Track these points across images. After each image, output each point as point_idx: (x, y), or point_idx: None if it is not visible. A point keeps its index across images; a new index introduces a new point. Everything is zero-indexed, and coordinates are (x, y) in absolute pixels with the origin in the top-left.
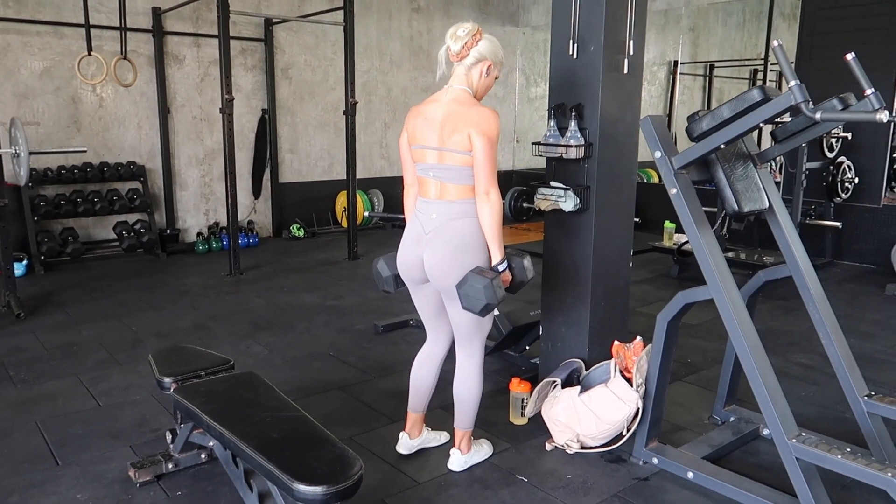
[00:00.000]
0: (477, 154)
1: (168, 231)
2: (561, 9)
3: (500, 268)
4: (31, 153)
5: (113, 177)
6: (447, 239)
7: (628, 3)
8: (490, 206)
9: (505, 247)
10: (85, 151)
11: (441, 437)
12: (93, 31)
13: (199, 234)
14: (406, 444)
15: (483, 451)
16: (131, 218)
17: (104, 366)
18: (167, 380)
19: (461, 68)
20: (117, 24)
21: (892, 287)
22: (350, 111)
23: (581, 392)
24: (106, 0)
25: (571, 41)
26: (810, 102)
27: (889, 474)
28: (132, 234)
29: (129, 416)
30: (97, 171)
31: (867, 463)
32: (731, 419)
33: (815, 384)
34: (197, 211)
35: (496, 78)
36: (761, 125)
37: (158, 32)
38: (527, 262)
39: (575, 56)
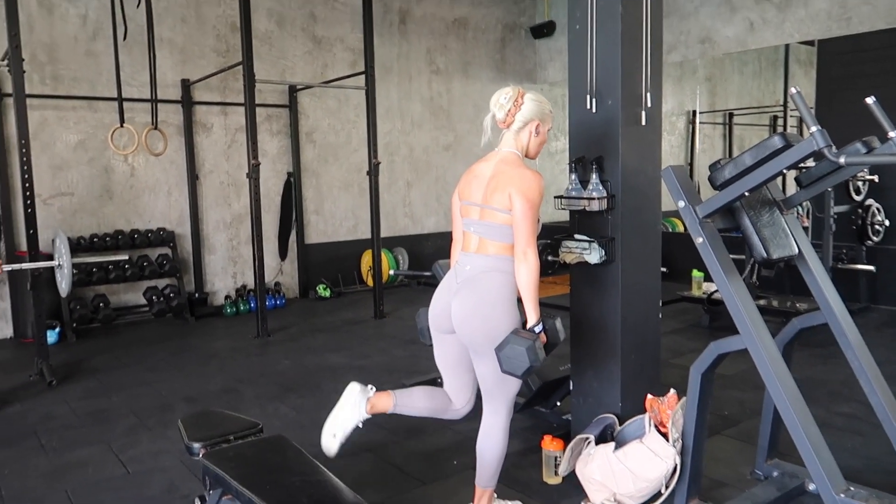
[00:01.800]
0: (516, 214)
1: (197, 295)
2: (578, 64)
3: (537, 329)
4: (73, 263)
5: (143, 243)
6: (476, 290)
7: (644, 56)
8: (527, 266)
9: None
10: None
11: None
12: (125, 103)
13: (227, 296)
14: None
15: None
16: (161, 283)
17: (134, 432)
18: (196, 445)
19: (509, 133)
20: (148, 97)
21: None
22: (373, 171)
23: (616, 448)
24: (137, 74)
25: (589, 96)
26: (833, 147)
27: None
28: (162, 298)
29: (159, 482)
30: (128, 239)
31: None
32: (775, 474)
33: (861, 434)
34: (225, 274)
35: (548, 130)
36: (784, 171)
37: (187, 103)
38: (559, 323)
39: (593, 110)
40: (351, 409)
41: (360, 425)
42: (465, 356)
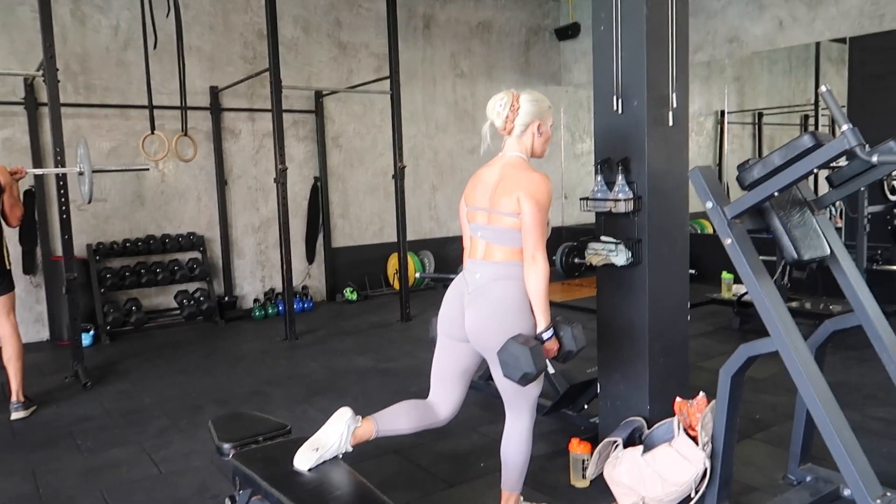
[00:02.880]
0: (525, 217)
1: (226, 298)
2: (603, 65)
3: (545, 336)
4: (93, 171)
5: (174, 248)
6: (489, 300)
7: (670, 56)
8: (536, 271)
9: (555, 315)
10: (147, 169)
11: None
12: (155, 111)
13: (255, 300)
14: None
15: None
16: (191, 287)
17: (166, 433)
18: (226, 446)
19: (511, 139)
20: (178, 104)
21: None
22: (398, 175)
23: (644, 452)
24: (167, 82)
25: (615, 96)
26: (866, 146)
27: None
28: (192, 302)
29: (190, 483)
30: (159, 243)
31: None
32: (808, 479)
33: None
34: (253, 278)
35: (551, 126)
36: (815, 171)
37: (216, 109)
38: (576, 330)
39: (619, 111)
40: (337, 439)
41: (340, 455)
42: (470, 366)
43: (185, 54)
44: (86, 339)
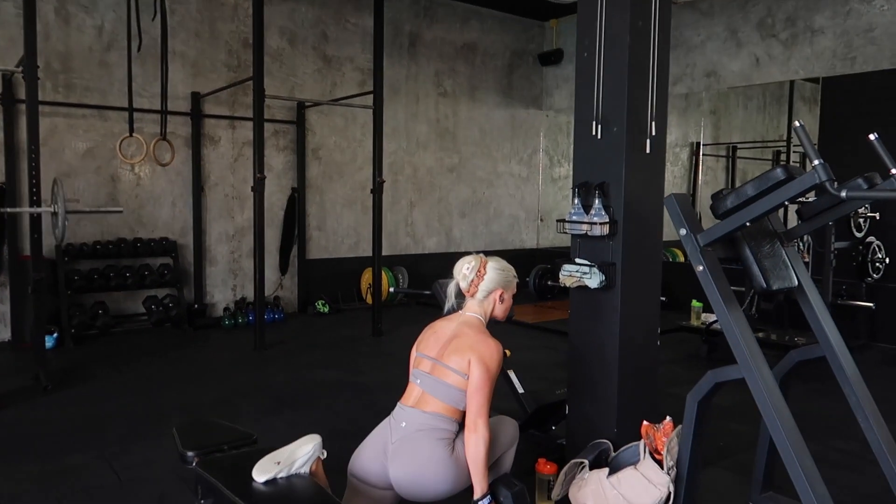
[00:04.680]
0: (473, 381)
1: (196, 306)
2: (584, 91)
3: (482, 503)
4: (67, 212)
5: (146, 252)
6: (414, 458)
7: (650, 86)
8: (477, 438)
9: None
10: (121, 212)
11: None
12: (135, 114)
13: (226, 308)
14: None
15: None
16: (161, 293)
17: (127, 440)
18: (190, 453)
19: (474, 301)
20: (158, 108)
21: None
22: (377, 189)
23: (610, 474)
24: (148, 85)
25: (595, 122)
26: (835, 181)
27: None
28: (161, 308)
29: (150, 492)
30: (131, 246)
31: None
32: None
33: (856, 472)
34: (225, 286)
35: (513, 295)
36: (786, 203)
37: (197, 115)
38: (517, 495)
39: (599, 136)
40: (301, 459)
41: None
42: None
43: (169, 59)
44: (49, 341)
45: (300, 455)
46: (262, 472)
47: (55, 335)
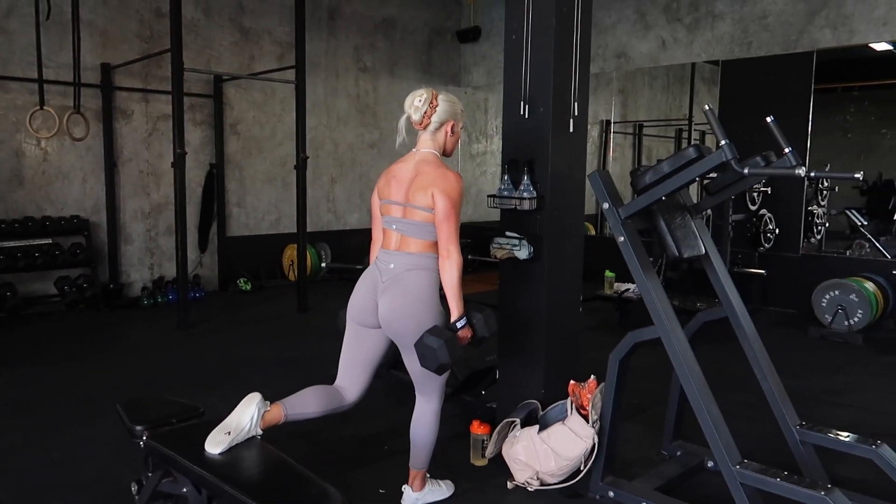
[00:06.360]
0: (438, 213)
1: (112, 286)
2: (513, 72)
3: (459, 324)
4: None
5: (56, 231)
6: (403, 289)
7: (573, 68)
8: (451, 264)
9: (466, 301)
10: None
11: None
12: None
13: (143, 288)
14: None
15: (440, 491)
16: (74, 273)
17: (56, 422)
18: (138, 427)
19: (426, 134)
20: (66, 80)
21: (815, 330)
22: (301, 166)
23: (540, 430)
24: (53, 55)
25: (523, 102)
26: (738, 159)
27: (822, 493)
28: (74, 289)
29: (88, 470)
30: (39, 225)
31: (803, 485)
32: (678, 453)
33: (754, 420)
34: (141, 265)
35: (462, 128)
36: (697, 179)
37: (107, 87)
38: (488, 316)
39: (526, 116)
40: (248, 422)
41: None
42: (378, 353)
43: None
44: None
45: (246, 419)
46: (216, 445)
47: None
